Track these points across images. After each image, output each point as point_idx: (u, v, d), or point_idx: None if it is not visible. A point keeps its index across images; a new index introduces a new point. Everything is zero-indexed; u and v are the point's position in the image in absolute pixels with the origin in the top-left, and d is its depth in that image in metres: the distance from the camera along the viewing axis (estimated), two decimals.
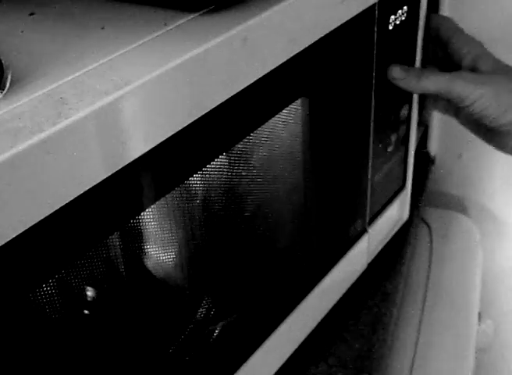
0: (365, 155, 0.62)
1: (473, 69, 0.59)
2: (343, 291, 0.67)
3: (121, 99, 0.35)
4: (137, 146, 0.36)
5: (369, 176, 0.64)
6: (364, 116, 0.59)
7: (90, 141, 0.34)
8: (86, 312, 0.41)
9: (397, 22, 0.58)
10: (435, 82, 0.57)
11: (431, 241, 0.85)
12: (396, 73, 0.57)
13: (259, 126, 0.46)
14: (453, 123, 0.90)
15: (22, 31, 0.42)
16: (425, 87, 0.58)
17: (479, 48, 0.61)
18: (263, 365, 0.57)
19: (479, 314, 0.82)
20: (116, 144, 0.35)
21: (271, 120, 0.48)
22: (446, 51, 0.62)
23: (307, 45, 0.46)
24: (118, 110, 0.35)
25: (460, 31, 0.62)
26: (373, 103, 0.59)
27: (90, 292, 0.41)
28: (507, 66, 0.61)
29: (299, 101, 0.50)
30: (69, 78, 0.36)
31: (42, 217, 0.33)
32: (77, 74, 0.36)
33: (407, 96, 0.65)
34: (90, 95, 0.34)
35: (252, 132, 0.46)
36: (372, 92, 0.58)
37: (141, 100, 0.36)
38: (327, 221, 0.59)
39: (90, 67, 0.37)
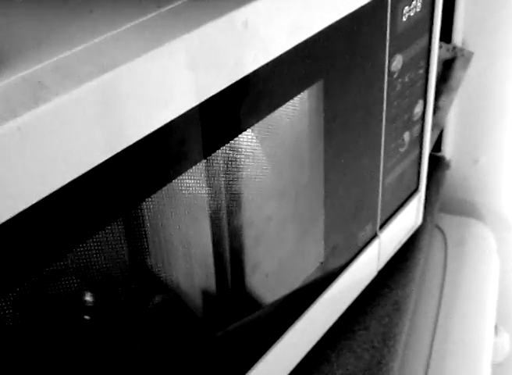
0: (377, 156, 0.59)
1: None
2: (352, 299, 0.65)
3: (106, 84, 0.32)
4: (124, 135, 0.33)
5: (381, 178, 0.61)
6: (376, 113, 0.56)
7: (69, 128, 0.30)
8: (76, 312, 0.37)
9: (411, 13, 0.55)
10: None
11: (445, 249, 0.82)
12: None
13: (263, 118, 0.43)
14: (470, 125, 0.88)
15: (6, 15, 0.39)
16: None
17: None
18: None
19: (495, 327, 0.79)
20: (99, 132, 0.32)
21: (275, 113, 0.45)
22: None
23: (313, 33, 0.43)
24: (102, 95, 0.31)
25: None
26: (385, 99, 0.56)
27: (87, 296, 0.38)
28: None
29: (306, 94, 0.47)
30: (51, 61, 0.33)
31: (16, 213, 0.30)
32: (60, 57, 0.33)
33: (421, 92, 0.62)
34: (72, 79, 0.31)
35: (255, 124, 0.43)
36: (384, 87, 0.55)
37: (130, 85, 0.33)
38: (335, 225, 0.56)
39: (75, 50, 0.34)
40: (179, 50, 0.35)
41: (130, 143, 0.34)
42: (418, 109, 0.63)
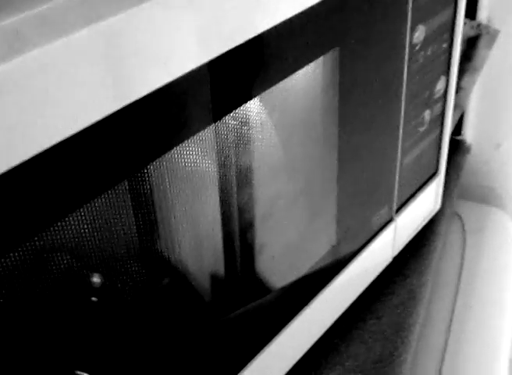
0: (395, 134, 0.56)
1: None
2: (364, 286, 0.62)
3: (92, 36, 0.28)
4: (119, 93, 0.30)
5: (398, 159, 0.58)
6: (395, 87, 0.53)
7: (52, 83, 0.27)
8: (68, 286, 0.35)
9: None
10: None
11: (464, 236, 0.80)
12: None
13: (273, 86, 0.40)
14: (493, 108, 0.84)
15: None
16: None
17: None
18: (273, 364, 0.52)
19: None
20: (87, 89, 0.29)
21: (287, 82, 0.41)
22: None
23: None
24: (86, 48, 0.28)
25: None
26: (405, 73, 0.52)
27: (94, 277, 0.36)
28: None
29: (319, 63, 0.43)
30: (33, 11, 0.29)
31: None
32: (44, 7, 0.30)
33: (444, 68, 0.58)
34: (54, 30, 0.28)
35: (265, 91, 0.40)
36: (405, 59, 0.52)
37: (121, 38, 0.29)
38: (349, 206, 0.53)
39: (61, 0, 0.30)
40: (177, 2, 0.31)
41: (127, 102, 0.31)
42: (440, 86, 0.60)
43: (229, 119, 0.39)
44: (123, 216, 0.35)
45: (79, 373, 0.35)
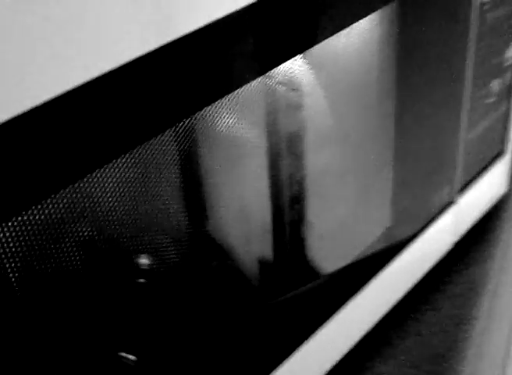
0: (458, 105, 0.52)
1: None
2: (422, 273, 0.60)
3: None
4: (146, 29, 0.27)
5: (461, 134, 0.54)
6: (460, 51, 0.49)
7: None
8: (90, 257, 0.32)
9: None
10: None
11: None
12: None
13: (322, 41, 0.37)
14: None
15: None
16: None
17: None
18: (322, 352, 0.50)
19: None
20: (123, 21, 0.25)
21: (338, 39, 0.38)
22: None
23: None
24: None
25: None
26: (472, 35, 0.49)
27: (141, 259, 0.34)
28: None
29: (375, 18, 0.39)
30: None
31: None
32: None
33: None
34: None
35: (313, 47, 0.36)
36: (473, 20, 0.48)
37: None
38: (406, 184, 0.50)
39: None
40: None
41: (164, 42, 0.28)
42: (511, 53, 0.55)
43: (274, 76, 0.35)
44: (168, 190, 0.32)
45: (123, 355, 0.34)
